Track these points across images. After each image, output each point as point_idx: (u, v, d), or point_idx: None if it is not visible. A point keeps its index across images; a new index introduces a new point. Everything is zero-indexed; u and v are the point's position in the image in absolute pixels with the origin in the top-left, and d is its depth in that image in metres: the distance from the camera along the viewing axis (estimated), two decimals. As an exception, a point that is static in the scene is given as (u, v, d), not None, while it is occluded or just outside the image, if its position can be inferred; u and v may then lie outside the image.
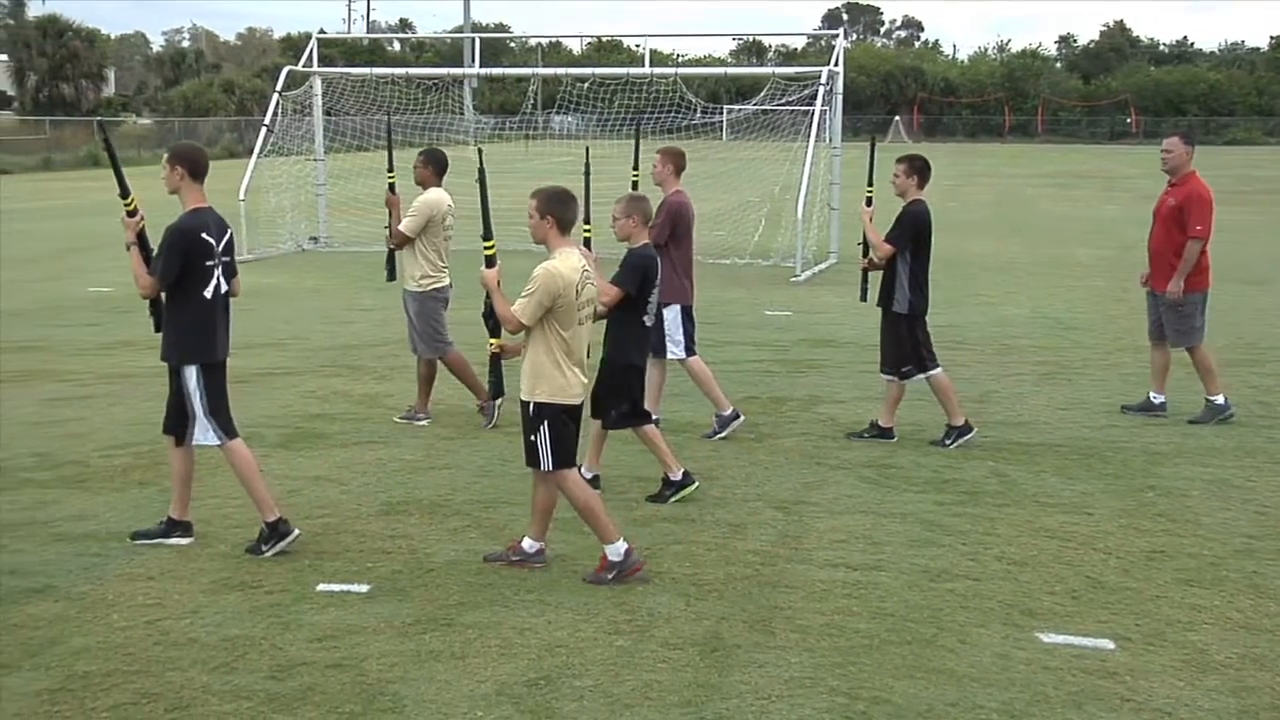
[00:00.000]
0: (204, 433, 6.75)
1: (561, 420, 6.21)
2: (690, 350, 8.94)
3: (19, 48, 66.74)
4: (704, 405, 9.46)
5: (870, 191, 9.14)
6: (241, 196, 20.50)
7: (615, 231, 7.36)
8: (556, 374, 6.16)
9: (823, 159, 20.11)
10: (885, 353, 8.93)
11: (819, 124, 19.42)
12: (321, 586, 6.17)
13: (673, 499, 7.51)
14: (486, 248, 6.41)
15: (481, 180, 6.54)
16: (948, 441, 8.76)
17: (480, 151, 6.95)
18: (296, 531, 6.68)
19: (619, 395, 7.34)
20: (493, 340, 6.59)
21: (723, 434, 8.98)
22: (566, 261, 6.13)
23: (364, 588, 6.16)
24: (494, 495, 7.65)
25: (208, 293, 6.74)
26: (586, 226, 7.55)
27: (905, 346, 8.77)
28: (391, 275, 9.85)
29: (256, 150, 21.72)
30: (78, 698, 5.00)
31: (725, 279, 17.74)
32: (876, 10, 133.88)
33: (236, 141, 57.34)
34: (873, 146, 9.30)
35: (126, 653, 5.42)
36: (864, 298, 9.31)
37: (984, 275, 18.24)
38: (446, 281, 9.43)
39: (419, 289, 9.32)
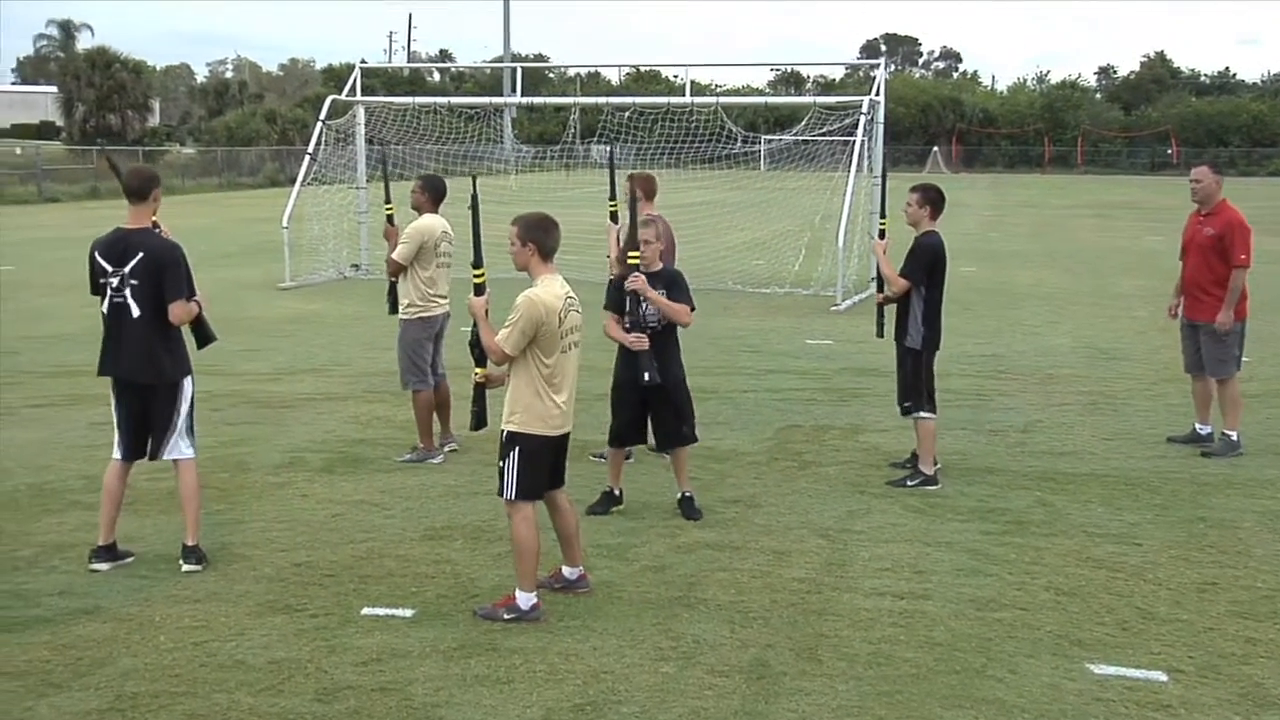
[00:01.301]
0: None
1: (536, 451, 6.07)
2: None
3: (68, 80, 67.70)
4: (749, 431, 9.43)
5: (883, 224, 9.05)
6: (284, 224, 20.70)
7: (646, 256, 7.59)
8: (536, 402, 6.04)
9: (863, 188, 20.09)
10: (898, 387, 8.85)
11: (859, 153, 19.41)
12: (366, 610, 6.18)
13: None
14: (476, 275, 6.34)
15: (474, 208, 6.53)
16: (910, 482, 8.49)
17: (475, 179, 6.95)
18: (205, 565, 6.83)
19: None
20: (478, 370, 6.36)
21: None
22: (549, 289, 6.03)
23: (408, 612, 6.17)
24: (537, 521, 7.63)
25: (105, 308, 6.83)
26: (634, 254, 7.57)
27: (908, 380, 8.59)
28: (394, 308, 9.58)
29: (300, 179, 21.92)
30: (127, 718, 5.03)
31: (765, 308, 17.73)
32: (915, 41, 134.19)
33: (278, 170, 57.92)
34: (884, 177, 9.26)
35: (174, 674, 5.45)
36: (880, 333, 9.13)
37: (1026, 305, 18.12)
38: (439, 311, 9.26)
39: (405, 316, 9.23)
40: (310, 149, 21.84)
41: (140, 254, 6.68)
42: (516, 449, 6.04)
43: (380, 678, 5.40)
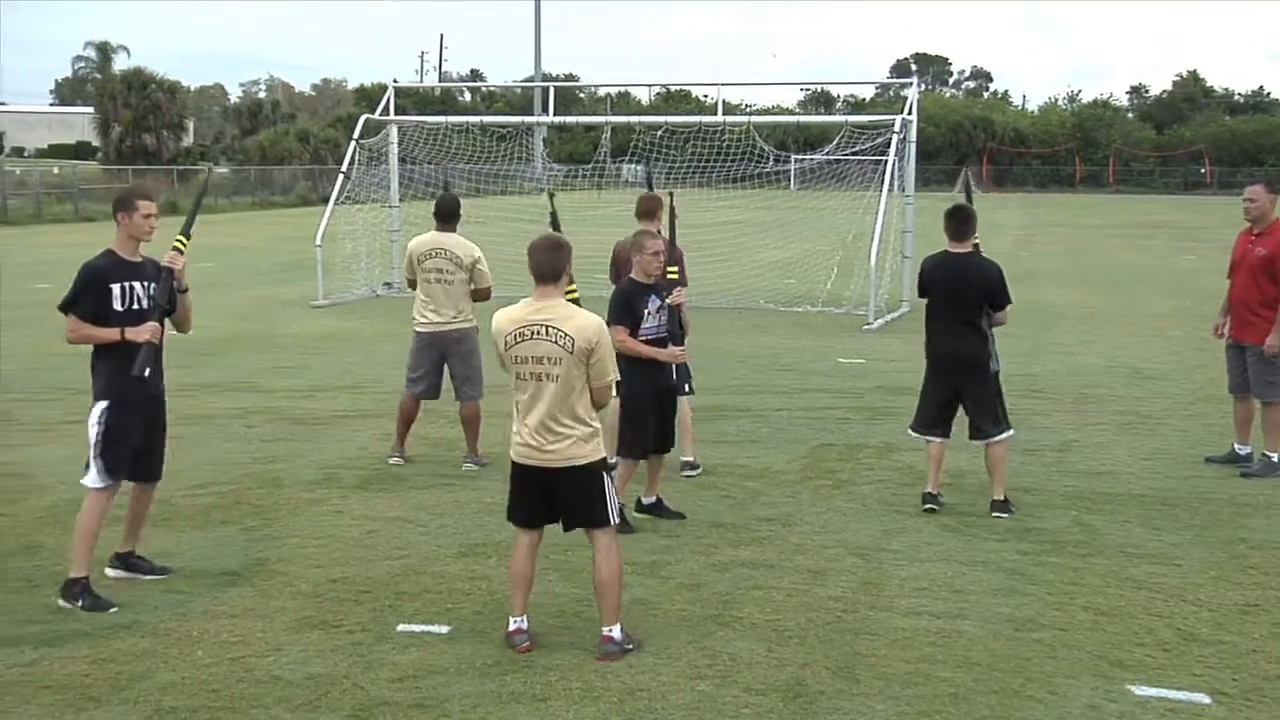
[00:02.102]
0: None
1: (514, 477, 6.04)
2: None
3: (105, 100, 68.52)
4: (782, 449, 9.41)
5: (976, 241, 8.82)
6: (318, 242, 20.83)
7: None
8: (513, 425, 5.97)
9: (895, 207, 20.04)
10: None
11: (891, 172, 19.38)
12: (402, 627, 6.18)
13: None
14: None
15: (554, 225, 6.75)
16: (1011, 509, 8.21)
17: (551, 195, 7.10)
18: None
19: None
20: None
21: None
22: (506, 312, 5.92)
23: (444, 629, 6.17)
24: (572, 539, 7.53)
25: None
26: (672, 269, 7.64)
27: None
28: None
29: (333, 197, 22.08)
30: (165, 732, 5.05)
31: (797, 326, 17.71)
32: (945, 61, 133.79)
33: (311, 189, 58.35)
34: (968, 192, 9.17)
35: (212, 689, 5.46)
36: None
37: (1059, 324, 18.02)
38: (428, 327, 9.44)
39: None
40: (344, 168, 22.01)
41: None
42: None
43: (416, 694, 5.40)
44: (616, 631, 5.84)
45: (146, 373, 6.57)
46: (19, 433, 10.59)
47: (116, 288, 6.62)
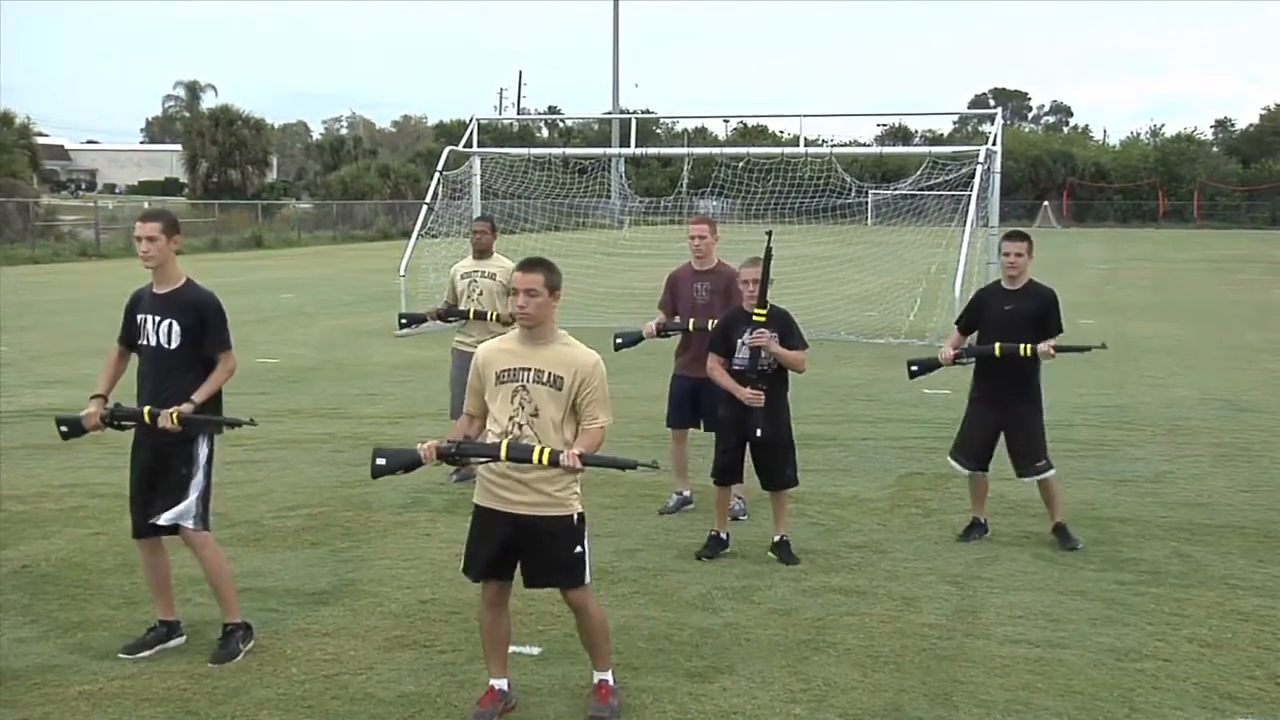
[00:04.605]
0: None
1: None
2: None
3: (193, 137, 70.22)
4: (870, 478, 9.30)
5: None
6: (401, 272, 21.10)
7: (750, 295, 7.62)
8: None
9: (979, 240, 19.84)
10: None
11: (974, 205, 19.21)
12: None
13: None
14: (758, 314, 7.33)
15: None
16: (1071, 542, 7.97)
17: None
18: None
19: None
20: None
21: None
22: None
23: (536, 650, 6.16)
24: (660, 563, 7.61)
25: None
26: (761, 311, 7.54)
27: (1038, 438, 8.17)
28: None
29: (417, 228, 22.37)
30: (263, 746, 5.07)
31: (880, 358, 17.56)
32: (1024, 95, 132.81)
33: (391, 224, 59.15)
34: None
35: (306, 705, 5.49)
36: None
37: (1148, 356, 17.69)
38: (466, 349, 9.52)
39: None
40: (429, 199, 22.28)
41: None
42: None
43: (510, 715, 5.38)
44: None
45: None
46: (115, 456, 10.72)
47: (137, 319, 6.17)
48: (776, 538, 7.79)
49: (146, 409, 5.94)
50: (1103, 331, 20.79)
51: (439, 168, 22.31)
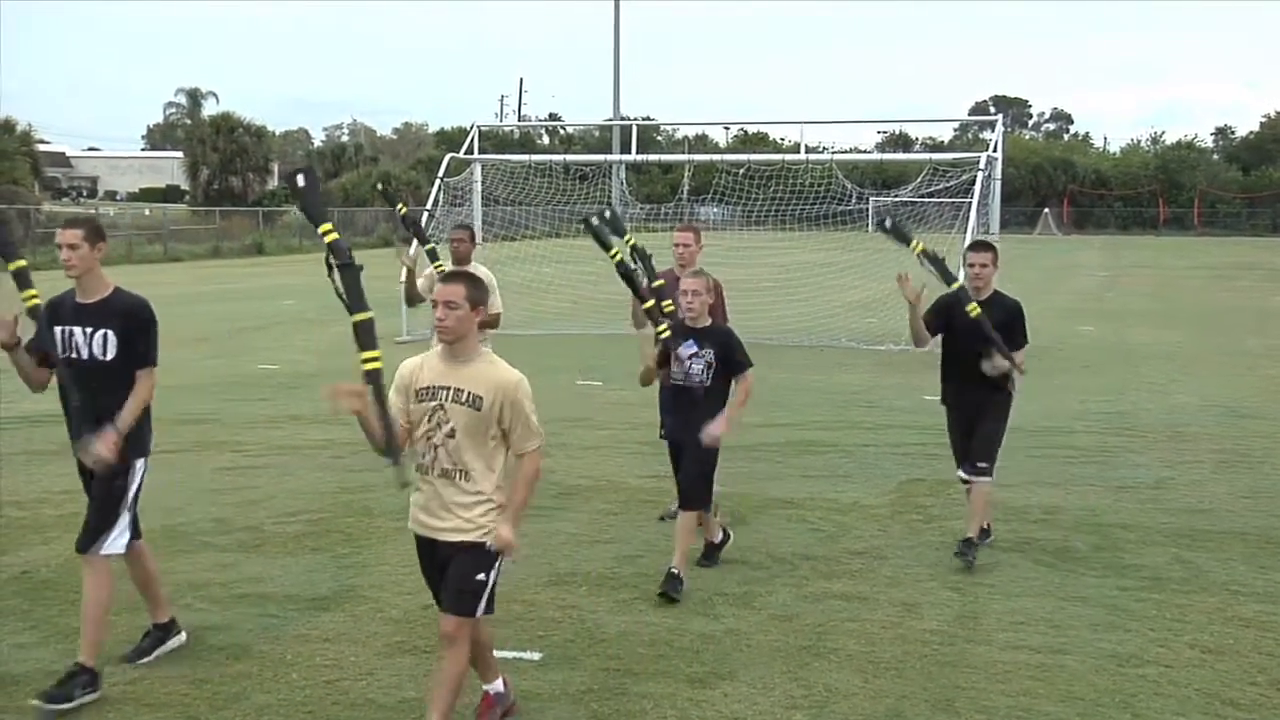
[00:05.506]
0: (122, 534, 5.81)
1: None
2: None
3: (194, 144, 70.27)
4: (871, 484, 9.28)
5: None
6: (402, 279, 21.02)
7: (694, 308, 7.18)
8: None
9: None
10: None
11: (975, 211, 19.21)
12: (494, 653, 6.15)
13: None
14: None
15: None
16: (969, 557, 7.63)
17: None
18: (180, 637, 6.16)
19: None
20: None
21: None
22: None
23: (536, 655, 6.15)
24: (660, 569, 7.58)
25: None
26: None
27: (998, 438, 8.00)
28: None
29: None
30: (263, 751, 5.06)
31: (881, 365, 17.57)
32: (1025, 102, 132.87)
33: (392, 230, 59.06)
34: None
35: (307, 710, 5.49)
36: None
37: (1148, 363, 17.68)
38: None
39: None
40: (429, 206, 22.30)
41: None
42: None
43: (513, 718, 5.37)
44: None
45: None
46: (114, 461, 10.77)
47: (56, 331, 5.74)
48: (670, 569, 7.12)
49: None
50: (1103, 338, 20.85)
51: (440, 174, 22.34)
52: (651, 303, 7.35)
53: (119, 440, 5.54)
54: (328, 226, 5.04)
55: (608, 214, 7.87)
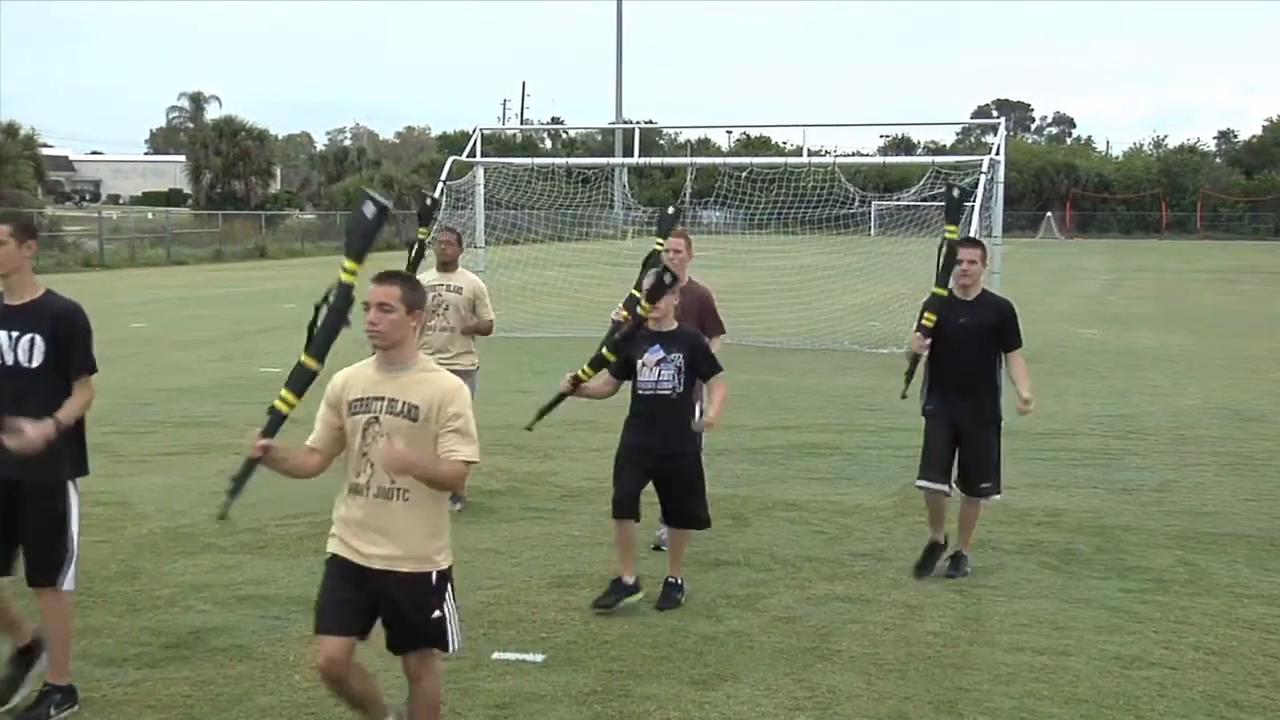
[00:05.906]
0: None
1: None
2: None
3: (197, 148, 70.28)
4: (874, 486, 9.28)
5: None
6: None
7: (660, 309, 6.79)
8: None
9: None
10: None
11: (978, 215, 19.20)
12: (497, 655, 6.16)
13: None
14: None
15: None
16: (964, 570, 7.58)
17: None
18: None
19: None
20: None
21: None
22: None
23: (539, 657, 6.14)
24: (663, 571, 7.56)
25: None
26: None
27: (995, 458, 7.73)
28: None
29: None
30: (266, 752, 5.06)
31: (883, 368, 17.52)
32: (1027, 106, 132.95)
33: (394, 234, 59.06)
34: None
35: (310, 711, 5.48)
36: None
37: (1152, 366, 17.67)
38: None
39: None
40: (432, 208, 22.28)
41: None
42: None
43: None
44: None
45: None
46: (119, 464, 10.76)
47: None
48: (669, 578, 7.04)
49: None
50: (1106, 342, 20.83)
51: (443, 178, 22.34)
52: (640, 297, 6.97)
53: (56, 433, 5.09)
54: (355, 266, 4.79)
55: (672, 211, 8.13)
